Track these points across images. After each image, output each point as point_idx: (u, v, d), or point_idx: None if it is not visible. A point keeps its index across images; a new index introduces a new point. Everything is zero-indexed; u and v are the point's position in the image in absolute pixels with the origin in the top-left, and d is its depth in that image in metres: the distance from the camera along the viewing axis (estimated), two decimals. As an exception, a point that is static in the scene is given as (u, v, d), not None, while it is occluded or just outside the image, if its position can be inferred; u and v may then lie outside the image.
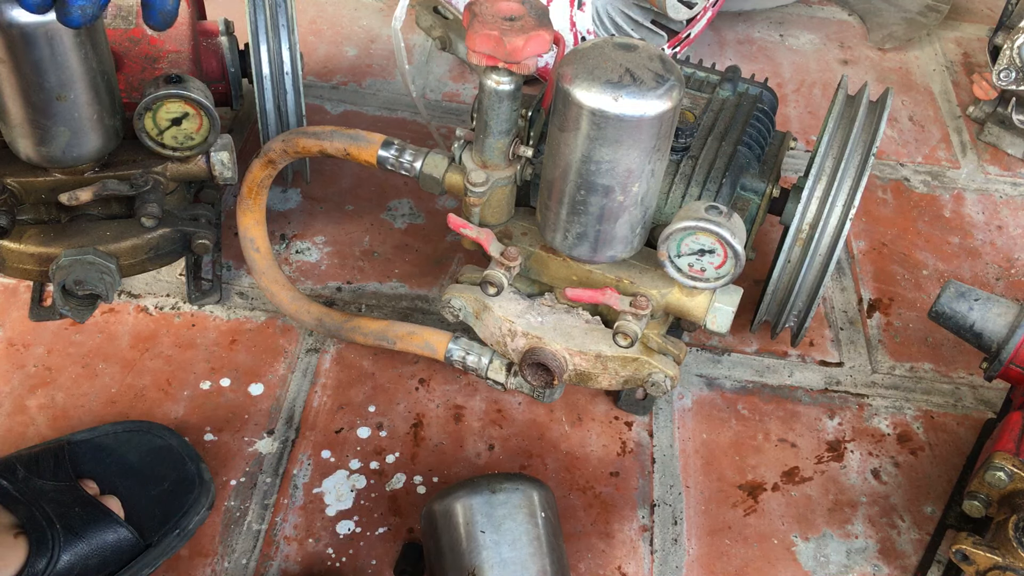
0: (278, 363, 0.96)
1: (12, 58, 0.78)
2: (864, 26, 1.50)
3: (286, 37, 0.96)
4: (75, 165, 0.88)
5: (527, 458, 0.91)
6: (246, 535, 0.84)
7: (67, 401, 0.91)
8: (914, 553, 0.87)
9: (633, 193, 0.76)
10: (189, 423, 0.90)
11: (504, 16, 0.75)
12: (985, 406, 0.99)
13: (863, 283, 1.10)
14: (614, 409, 0.95)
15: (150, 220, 0.89)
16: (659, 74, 0.72)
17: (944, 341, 1.05)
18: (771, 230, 1.11)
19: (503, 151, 0.82)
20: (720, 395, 0.98)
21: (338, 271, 1.06)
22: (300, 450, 0.90)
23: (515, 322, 0.84)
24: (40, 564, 0.72)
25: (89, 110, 0.84)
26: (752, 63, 1.40)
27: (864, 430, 0.96)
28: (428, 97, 1.29)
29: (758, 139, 0.90)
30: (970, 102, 1.35)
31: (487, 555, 0.74)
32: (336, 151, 0.88)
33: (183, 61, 0.99)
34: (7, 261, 0.91)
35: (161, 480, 0.82)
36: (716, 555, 0.86)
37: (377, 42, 1.37)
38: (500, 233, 0.85)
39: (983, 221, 1.20)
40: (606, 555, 0.85)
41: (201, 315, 1.00)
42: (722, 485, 0.90)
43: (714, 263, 0.77)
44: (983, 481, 0.79)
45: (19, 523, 0.74)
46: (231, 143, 0.92)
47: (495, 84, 0.78)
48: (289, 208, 1.12)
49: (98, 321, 0.98)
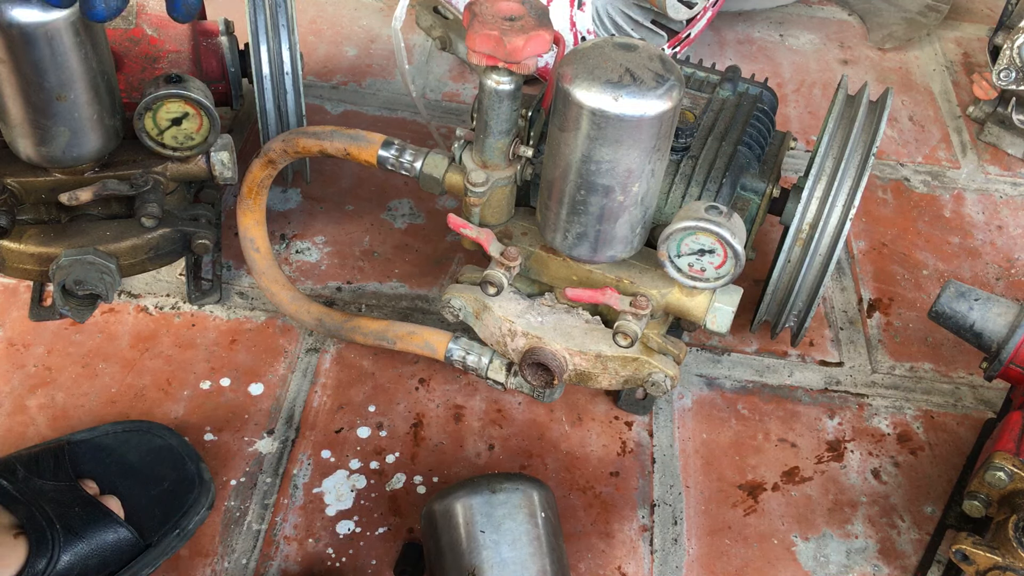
0: (278, 363, 0.96)
1: (12, 58, 0.78)
2: (864, 26, 1.50)
3: (286, 37, 0.96)
4: (75, 165, 0.88)
5: (527, 458, 0.91)
6: (246, 535, 0.84)
7: (67, 401, 0.91)
8: (914, 553, 0.87)
9: (633, 193, 0.76)
10: (189, 423, 0.90)
11: (504, 16, 0.75)
12: (985, 406, 0.99)
13: (863, 283, 1.10)
14: (614, 409, 0.95)
15: (150, 220, 0.89)
16: (659, 74, 0.72)
17: (944, 341, 1.05)
18: (771, 230, 1.11)
19: (503, 151, 0.82)
20: (720, 395, 0.98)
21: (338, 271, 1.06)
22: (300, 450, 0.90)
23: (515, 322, 0.84)
24: (40, 564, 0.72)
25: (89, 110, 0.84)
26: (752, 63, 1.40)
27: (864, 430, 0.96)
28: (428, 97, 1.29)
29: (758, 139, 0.90)
30: (970, 102, 1.35)
31: (487, 555, 0.74)
32: (336, 151, 0.88)
33: (183, 61, 0.99)
34: (7, 261, 0.91)
35: (161, 480, 0.82)
36: (716, 555, 0.86)
37: (377, 42, 1.37)
38: (500, 233, 0.85)
39: (983, 221, 1.20)
40: (606, 555, 0.85)
41: (201, 315, 1.00)
42: (722, 485, 0.90)
43: (714, 263, 0.77)
44: (983, 481, 0.79)
45: (19, 523, 0.74)
46: (231, 143, 0.92)
47: (495, 84, 0.78)
48: (289, 208, 1.12)
49: (98, 321, 0.98)
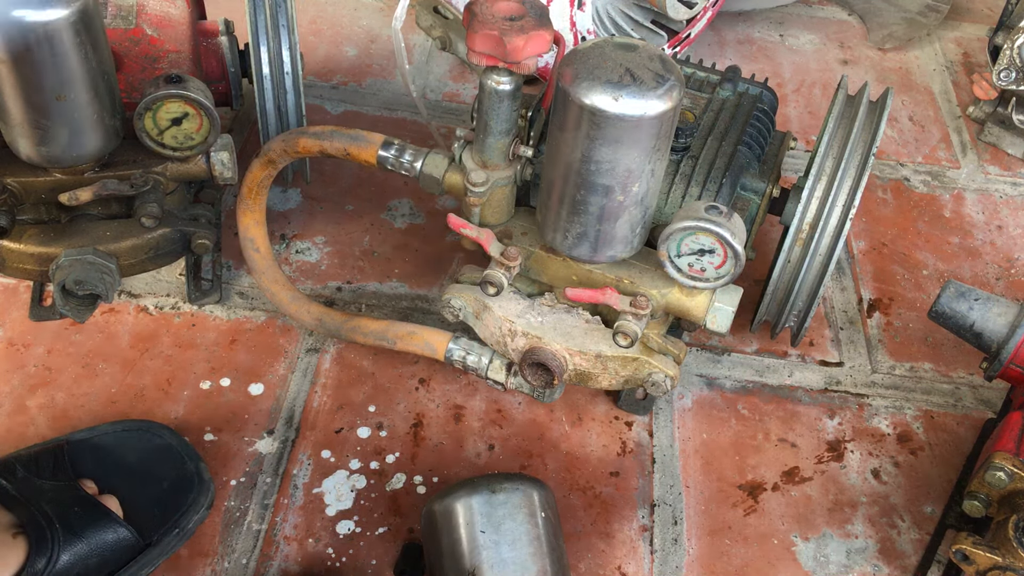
0: (278, 363, 0.96)
1: (12, 58, 0.78)
2: (864, 26, 1.50)
3: (286, 37, 0.96)
4: (75, 165, 0.88)
5: (527, 458, 0.91)
6: (246, 535, 0.84)
7: (67, 401, 0.91)
8: (914, 553, 0.87)
9: (633, 193, 0.76)
10: (189, 423, 0.90)
11: (504, 16, 0.75)
12: (985, 406, 0.99)
13: (863, 283, 1.10)
14: (614, 409, 0.95)
15: (150, 220, 0.89)
16: (659, 74, 0.72)
17: (944, 341, 1.05)
18: (771, 230, 1.11)
19: (503, 151, 0.82)
20: (720, 395, 0.98)
21: (338, 271, 1.06)
22: (300, 450, 0.90)
23: (515, 322, 0.84)
24: (40, 563, 0.72)
25: (89, 110, 0.84)
26: (752, 63, 1.40)
27: (864, 430, 0.96)
28: (428, 97, 1.29)
29: (758, 139, 0.90)
30: (970, 102, 1.35)
31: (487, 555, 0.74)
32: (336, 151, 0.88)
33: (183, 61, 0.99)
34: (7, 261, 0.91)
35: (160, 479, 0.82)
36: (716, 555, 0.86)
37: (377, 42, 1.37)
38: (500, 233, 0.85)
39: (983, 221, 1.20)
40: (606, 555, 0.85)
41: (201, 315, 1.00)
42: (722, 485, 0.90)
43: (714, 263, 0.77)
44: (983, 481, 0.79)
45: (18, 522, 0.74)
46: (231, 143, 0.92)
47: (495, 84, 0.78)
48: (289, 208, 1.12)
49: (98, 321, 0.98)
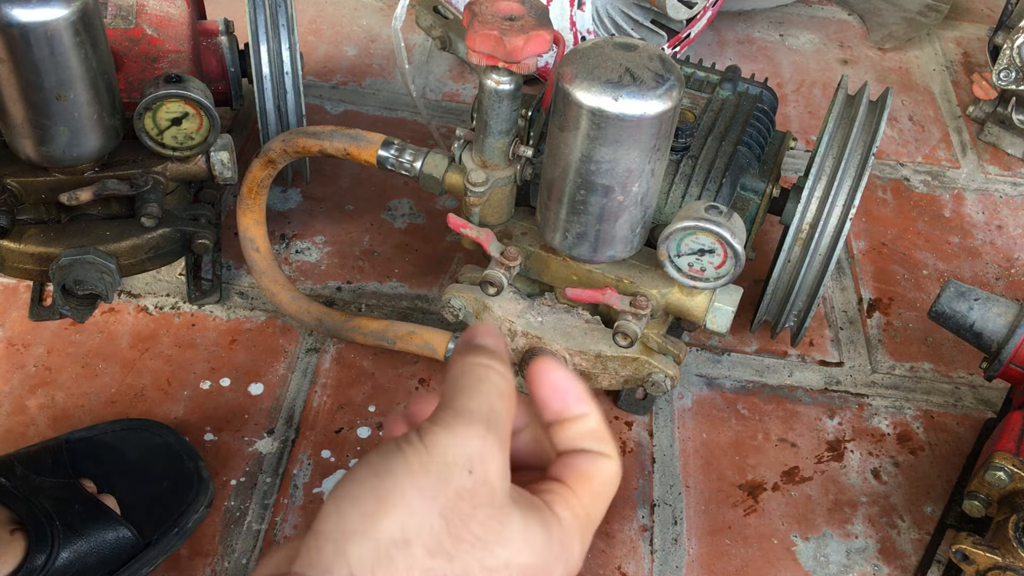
0: (278, 363, 0.96)
1: (12, 58, 0.78)
2: (864, 26, 1.50)
3: (286, 37, 0.96)
4: (75, 165, 0.88)
5: (527, 458, 0.91)
6: (246, 535, 0.84)
7: (67, 401, 0.91)
8: (914, 553, 0.87)
9: (633, 193, 0.76)
10: (189, 423, 0.90)
11: (504, 16, 0.75)
12: (985, 406, 0.99)
13: (863, 283, 1.10)
14: (614, 409, 0.95)
15: (150, 220, 0.89)
16: (659, 74, 0.72)
17: (944, 341, 1.05)
18: (771, 230, 1.11)
19: (503, 151, 0.82)
20: (720, 395, 0.98)
21: (338, 271, 1.06)
22: (300, 450, 0.90)
23: (515, 322, 0.84)
24: (39, 560, 0.72)
25: (89, 110, 0.84)
26: (752, 63, 1.40)
27: (864, 430, 0.96)
28: (428, 97, 1.29)
29: (758, 139, 0.90)
30: (970, 102, 1.35)
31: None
32: (336, 151, 0.88)
33: (183, 61, 0.99)
34: (7, 261, 0.91)
35: (160, 478, 0.82)
36: (716, 555, 0.86)
37: (377, 42, 1.37)
38: (500, 233, 0.85)
39: (983, 221, 1.20)
40: (606, 555, 0.85)
41: (201, 315, 1.00)
42: (722, 485, 0.90)
43: (714, 263, 0.77)
44: (983, 481, 0.79)
45: (17, 519, 0.73)
46: (231, 143, 0.92)
47: (495, 84, 0.78)
48: (289, 208, 1.12)
49: (98, 321, 0.98)
